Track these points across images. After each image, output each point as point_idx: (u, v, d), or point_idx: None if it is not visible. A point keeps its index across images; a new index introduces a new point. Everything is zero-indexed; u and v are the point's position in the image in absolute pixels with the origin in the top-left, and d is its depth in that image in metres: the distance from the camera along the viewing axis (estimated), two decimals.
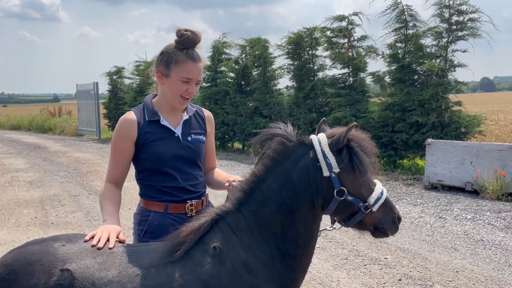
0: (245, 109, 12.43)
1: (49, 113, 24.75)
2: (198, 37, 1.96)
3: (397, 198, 7.07)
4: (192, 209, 2.05)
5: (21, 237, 5.37)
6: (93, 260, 1.61)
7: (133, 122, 1.98)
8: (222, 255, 1.63)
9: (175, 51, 1.96)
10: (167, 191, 2.01)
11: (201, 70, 1.99)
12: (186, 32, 1.95)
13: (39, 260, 1.59)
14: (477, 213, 6.12)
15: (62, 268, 1.57)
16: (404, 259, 4.52)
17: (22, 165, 11.14)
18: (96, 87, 18.42)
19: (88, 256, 1.62)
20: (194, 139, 2.07)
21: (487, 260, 4.49)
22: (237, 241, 1.66)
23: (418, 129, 8.84)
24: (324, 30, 10.56)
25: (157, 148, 1.98)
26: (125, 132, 1.98)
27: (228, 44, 13.77)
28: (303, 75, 11.08)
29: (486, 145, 7.20)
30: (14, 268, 1.58)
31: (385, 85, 9.75)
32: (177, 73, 1.94)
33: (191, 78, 1.95)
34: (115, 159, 2.02)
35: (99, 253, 1.64)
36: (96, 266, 1.59)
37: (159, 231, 1.98)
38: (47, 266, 1.57)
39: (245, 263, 1.64)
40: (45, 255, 1.61)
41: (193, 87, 1.97)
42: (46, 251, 1.62)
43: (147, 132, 1.98)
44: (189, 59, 1.94)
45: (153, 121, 2.01)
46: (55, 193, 7.78)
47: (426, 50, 8.95)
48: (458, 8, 8.66)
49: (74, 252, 1.63)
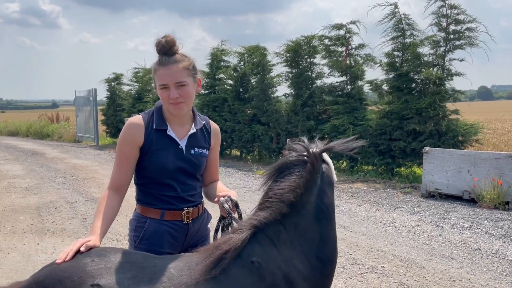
0: (243, 116, 12.44)
1: (48, 119, 24.73)
2: (169, 42, 1.91)
3: (394, 207, 7.06)
4: (188, 216, 2.05)
5: (17, 243, 5.34)
6: (123, 275, 1.58)
7: (140, 127, 1.96)
8: (262, 270, 1.59)
9: (154, 63, 1.98)
10: (165, 199, 2.01)
11: (175, 72, 1.90)
12: (160, 39, 1.94)
13: (69, 277, 1.57)
14: (474, 221, 6.11)
15: (92, 283, 1.54)
16: (401, 267, 4.51)
17: (19, 172, 11.11)
18: (94, 93, 18.44)
19: (118, 271, 1.59)
20: (197, 152, 2.06)
21: (484, 269, 4.48)
22: (277, 254, 1.65)
23: (416, 137, 8.86)
24: (322, 38, 10.62)
25: (160, 158, 1.96)
26: (132, 137, 1.95)
27: (226, 51, 13.83)
28: (301, 83, 11.12)
29: (483, 153, 7.22)
30: (46, 285, 1.57)
31: (383, 93, 9.79)
32: (157, 82, 1.95)
33: (165, 83, 1.91)
34: (119, 163, 1.97)
35: (128, 268, 1.61)
36: (126, 282, 1.56)
37: (155, 238, 1.99)
38: (78, 283, 1.55)
39: (286, 277, 1.62)
40: (75, 272, 1.59)
41: (174, 91, 1.91)
42: (76, 267, 1.60)
43: (153, 140, 1.96)
44: (159, 65, 1.94)
45: (160, 130, 1.99)
46: (51, 200, 7.75)
47: (424, 59, 9.01)
48: (456, 17, 8.72)
49: (104, 267, 1.60)
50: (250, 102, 12.51)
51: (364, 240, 5.40)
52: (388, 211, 6.80)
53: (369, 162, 9.61)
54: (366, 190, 8.31)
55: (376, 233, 5.73)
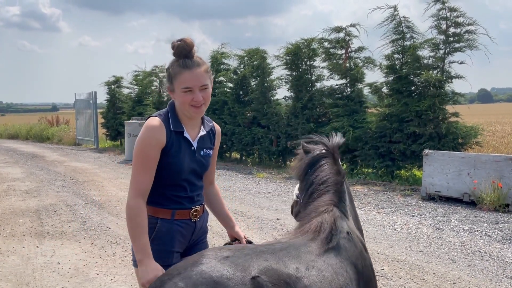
0: (243, 119, 12.45)
1: (47, 122, 24.72)
2: (188, 45, 1.95)
3: (394, 209, 7.05)
4: (196, 214, 2.09)
5: (16, 246, 5.33)
6: (266, 262, 1.58)
7: (162, 129, 1.95)
8: (353, 239, 1.92)
9: (173, 65, 1.98)
10: (176, 200, 2.04)
11: (199, 75, 1.95)
12: (177, 42, 1.96)
13: (229, 278, 1.49)
14: (474, 224, 6.10)
15: (253, 276, 1.50)
16: (401, 270, 4.50)
17: (18, 174, 11.10)
18: (94, 96, 18.45)
19: (261, 258, 1.59)
20: (206, 153, 2.11)
21: (485, 271, 4.47)
22: (352, 225, 2.02)
23: (416, 139, 8.86)
24: (322, 41, 10.63)
25: (178, 160, 1.98)
26: (156, 140, 1.93)
27: (226, 54, 13.85)
28: (301, 86, 11.13)
29: (483, 156, 7.22)
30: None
31: (383, 95, 9.79)
32: (178, 85, 1.95)
33: (190, 86, 1.94)
34: (144, 167, 1.91)
35: (264, 255, 1.62)
36: (276, 266, 1.58)
37: (167, 238, 2.00)
38: (238, 280, 1.49)
39: (363, 244, 2.00)
40: (225, 270, 1.51)
41: (198, 95, 1.95)
42: (219, 266, 1.52)
43: (173, 142, 1.98)
44: (183, 68, 1.95)
45: (178, 132, 2.01)
46: (51, 203, 7.74)
47: (423, 61, 9.01)
48: (455, 20, 8.73)
49: (245, 259, 1.58)
50: (250, 105, 12.52)
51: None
52: (388, 214, 6.79)
53: (369, 164, 9.60)
54: (366, 192, 8.31)
55: (376, 235, 5.72)
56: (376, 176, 9.41)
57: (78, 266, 4.64)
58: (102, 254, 5.02)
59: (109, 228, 6.11)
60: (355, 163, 9.98)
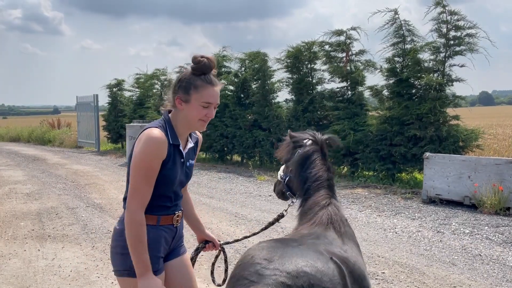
0: (244, 121, 12.47)
1: (49, 125, 24.77)
2: (213, 63, 2.02)
3: (395, 212, 7.05)
4: (178, 220, 2.15)
5: (18, 249, 5.34)
6: (324, 247, 1.88)
7: (165, 142, 1.97)
8: (349, 224, 2.24)
9: (193, 77, 2.00)
10: (162, 208, 2.08)
11: (218, 94, 2.03)
12: (203, 59, 2.00)
13: (315, 261, 1.69)
14: (475, 227, 6.10)
15: (330, 257, 1.76)
16: (402, 273, 4.50)
17: (20, 177, 11.13)
18: (96, 99, 18.49)
19: (317, 246, 1.86)
20: (190, 164, 2.17)
21: (485, 275, 4.47)
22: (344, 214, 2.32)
23: (416, 142, 8.87)
24: (322, 44, 10.66)
25: (173, 172, 2.02)
26: (161, 153, 1.95)
27: (228, 57, 13.88)
28: (302, 89, 11.15)
29: (484, 159, 7.22)
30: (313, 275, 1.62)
31: (383, 98, 9.81)
32: (197, 98, 1.98)
33: (211, 102, 2.00)
34: (148, 179, 1.93)
35: (316, 244, 1.89)
36: (332, 249, 1.88)
37: (154, 244, 2.02)
38: (325, 261, 1.71)
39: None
40: (308, 255, 1.71)
41: (212, 111, 2.02)
42: (303, 253, 1.72)
43: (170, 155, 2.00)
44: (208, 84, 1.99)
45: (175, 145, 2.03)
46: (52, 206, 7.76)
47: (424, 65, 9.03)
48: (456, 23, 8.75)
49: (312, 247, 1.83)
50: (251, 108, 12.54)
51: (365, 246, 5.39)
52: (389, 217, 6.79)
53: (370, 167, 9.61)
54: (367, 195, 8.31)
55: (376, 238, 5.73)
56: (377, 179, 9.41)
57: (79, 269, 4.66)
58: (103, 257, 5.03)
59: (110, 231, 6.12)
60: (356, 166, 9.99)
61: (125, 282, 2.05)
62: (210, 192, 8.99)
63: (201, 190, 9.21)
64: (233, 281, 1.69)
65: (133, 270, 1.95)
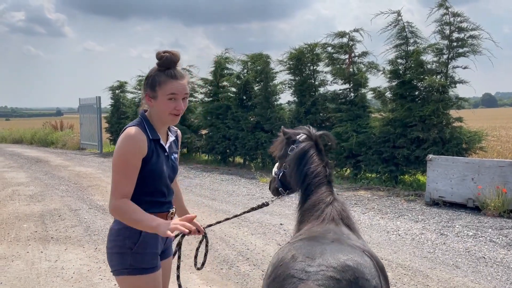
0: (246, 123, 12.46)
1: (52, 126, 24.84)
2: (177, 57, 2.07)
3: (398, 214, 7.03)
4: (172, 217, 2.21)
5: (20, 251, 5.35)
6: (350, 241, 1.94)
7: (144, 138, 2.03)
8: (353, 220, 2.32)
9: (157, 73, 2.06)
10: (157, 205, 2.13)
11: (185, 86, 2.07)
12: (165, 54, 2.06)
13: (352, 253, 1.78)
14: (478, 230, 6.08)
15: (363, 250, 1.86)
16: (405, 276, 4.48)
17: (23, 179, 11.15)
18: (98, 101, 18.53)
19: (345, 241, 1.93)
20: (175, 157, 2.24)
21: (489, 277, 4.45)
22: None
23: (419, 144, 8.84)
24: (325, 46, 10.66)
25: (158, 167, 2.08)
26: (139, 148, 2.01)
27: (230, 59, 13.89)
28: (304, 90, 11.15)
29: (487, 161, 7.19)
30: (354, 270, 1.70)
31: (386, 100, 9.79)
32: (163, 93, 2.04)
33: (176, 93, 2.04)
34: (128, 175, 2.00)
35: (342, 239, 1.94)
36: (362, 244, 1.98)
37: (152, 240, 2.09)
38: (359, 253, 1.80)
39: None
40: (346, 249, 1.80)
41: (181, 103, 2.07)
42: (343, 247, 1.82)
43: (152, 150, 2.07)
44: (171, 78, 2.04)
45: (155, 140, 2.10)
46: (55, 207, 7.77)
47: (427, 66, 9.01)
48: (459, 25, 8.73)
49: (345, 241, 1.92)
50: (253, 110, 12.54)
51: None
52: (392, 219, 6.77)
53: (372, 169, 9.58)
54: (370, 197, 8.29)
55: (380, 241, 5.71)
56: (379, 181, 9.39)
57: (82, 271, 4.66)
58: (106, 259, 5.02)
59: None
60: (359, 168, 9.97)
61: (125, 281, 2.07)
62: (212, 194, 8.98)
63: (203, 192, 9.21)
64: (278, 281, 1.71)
65: (133, 268, 2.03)
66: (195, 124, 14.62)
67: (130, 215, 1.94)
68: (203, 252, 2.52)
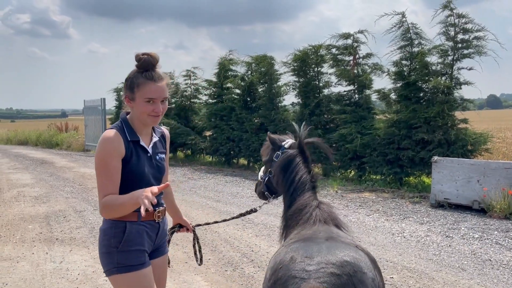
0: (250, 125, 12.47)
1: (57, 128, 24.95)
2: (155, 59, 2.07)
3: (403, 216, 7.00)
4: (159, 215, 2.22)
5: (26, 252, 5.37)
6: (343, 239, 2.00)
7: (120, 140, 2.05)
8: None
9: (136, 75, 2.07)
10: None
11: (163, 88, 2.07)
12: (143, 56, 2.07)
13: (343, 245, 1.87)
14: (484, 232, 6.04)
15: (356, 245, 1.93)
16: (411, 278, 4.46)
17: (28, 180, 11.20)
18: (103, 103, 18.60)
19: (339, 238, 2.00)
20: (160, 157, 2.24)
21: (495, 280, 4.42)
22: None
23: (424, 146, 8.81)
24: (329, 47, 10.65)
25: (139, 167, 2.09)
26: (116, 150, 2.03)
27: (234, 61, 13.91)
28: (308, 92, 11.14)
29: (493, 163, 7.15)
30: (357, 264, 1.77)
31: (391, 102, 9.76)
32: (141, 95, 2.05)
33: (154, 97, 2.05)
34: (109, 176, 2.02)
35: (335, 237, 2.00)
36: (353, 241, 2.04)
37: (138, 238, 2.11)
38: (354, 248, 1.87)
39: None
40: (347, 248, 1.85)
41: (159, 106, 2.07)
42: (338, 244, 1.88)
43: (131, 151, 2.08)
44: (149, 80, 2.05)
45: (134, 141, 2.11)
46: (60, 209, 7.79)
47: (432, 68, 8.98)
48: (464, 26, 8.70)
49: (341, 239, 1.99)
50: (257, 111, 12.54)
51: (373, 250, 5.35)
52: (397, 221, 6.74)
53: (377, 171, 9.55)
54: (375, 199, 8.26)
55: (385, 243, 5.68)
56: (384, 183, 9.36)
57: (87, 273, 4.66)
58: None
59: None
60: (363, 170, 9.94)
61: (116, 280, 2.09)
62: (216, 195, 8.99)
63: (207, 193, 9.21)
64: (280, 283, 1.75)
65: (120, 266, 2.05)
66: (199, 126, 14.63)
67: (114, 204, 1.97)
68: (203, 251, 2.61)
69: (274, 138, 2.60)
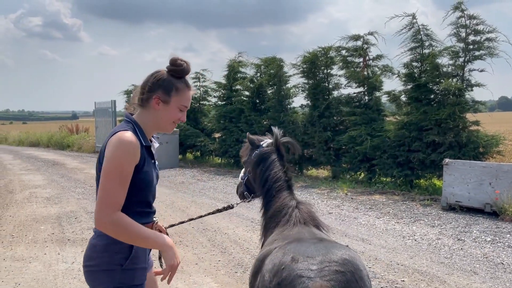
0: (259, 127, 12.47)
1: (68, 130, 25.17)
2: (190, 68, 2.02)
3: (414, 219, 6.95)
4: (156, 228, 2.08)
5: (38, 253, 5.42)
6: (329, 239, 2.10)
7: (138, 145, 1.88)
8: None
9: (173, 79, 1.96)
10: (144, 215, 2.00)
11: (191, 97, 2.07)
12: (183, 62, 1.97)
13: (337, 245, 1.93)
14: (496, 235, 5.97)
15: (346, 245, 2.00)
16: (422, 282, 4.42)
17: (40, 182, 11.32)
18: (113, 105, 18.73)
19: (325, 239, 2.07)
20: (157, 164, 2.13)
21: (508, 284, 4.37)
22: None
23: (435, 148, 8.74)
24: (339, 49, 10.62)
25: (149, 175, 1.94)
26: (135, 155, 1.87)
27: (243, 63, 13.94)
28: (318, 94, 11.12)
29: (505, 165, 7.07)
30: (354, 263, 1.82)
31: (401, 104, 9.71)
32: (177, 101, 1.96)
33: (187, 106, 2.02)
34: (122, 183, 1.82)
35: (323, 238, 2.10)
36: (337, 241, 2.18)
37: (142, 254, 1.96)
38: (346, 248, 1.92)
39: None
40: (337, 247, 1.91)
41: (185, 115, 2.04)
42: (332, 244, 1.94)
43: (144, 158, 1.93)
44: (188, 87, 2.00)
45: (147, 147, 1.97)
46: (72, 210, 7.87)
47: (443, 70, 8.92)
48: (475, 28, 8.63)
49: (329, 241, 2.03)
50: (266, 113, 12.55)
51: (384, 253, 5.32)
52: (408, 224, 6.69)
53: (387, 173, 9.50)
54: (385, 202, 8.21)
55: (395, 246, 5.65)
56: (394, 185, 9.30)
57: None
58: None
59: None
60: (374, 172, 9.89)
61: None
62: (226, 197, 9.00)
63: (217, 195, 9.23)
64: (285, 284, 1.74)
65: (122, 286, 1.88)
66: (209, 128, 14.68)
67: (134, 231, 1.78)
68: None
69: (253, 139, 2.66)
